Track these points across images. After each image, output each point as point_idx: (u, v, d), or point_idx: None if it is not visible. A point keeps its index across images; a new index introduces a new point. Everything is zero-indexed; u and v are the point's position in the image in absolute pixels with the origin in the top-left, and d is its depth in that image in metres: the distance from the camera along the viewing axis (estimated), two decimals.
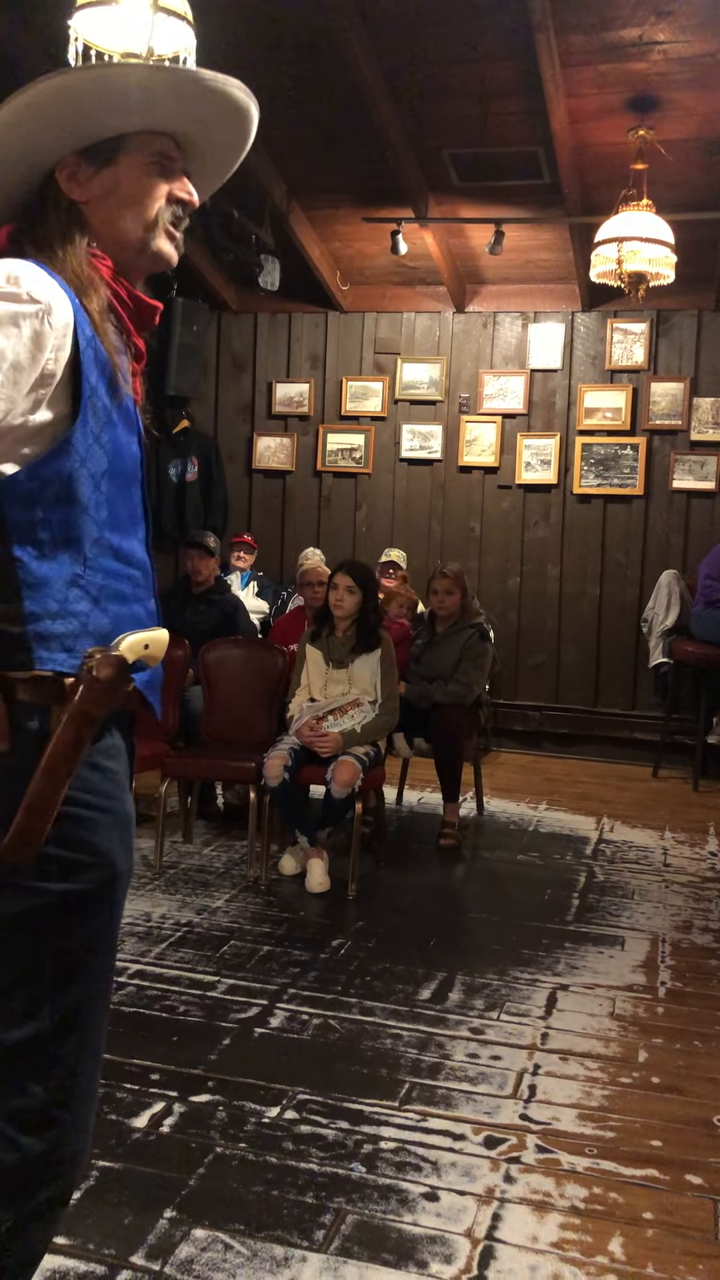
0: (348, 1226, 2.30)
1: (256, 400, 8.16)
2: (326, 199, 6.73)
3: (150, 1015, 3.25)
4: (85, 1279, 2.09)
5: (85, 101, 1.50)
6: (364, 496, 8.00)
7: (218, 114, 1.61)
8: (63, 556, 1.49)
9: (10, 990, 1.47)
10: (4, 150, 1.51)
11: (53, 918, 1.47)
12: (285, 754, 4.43)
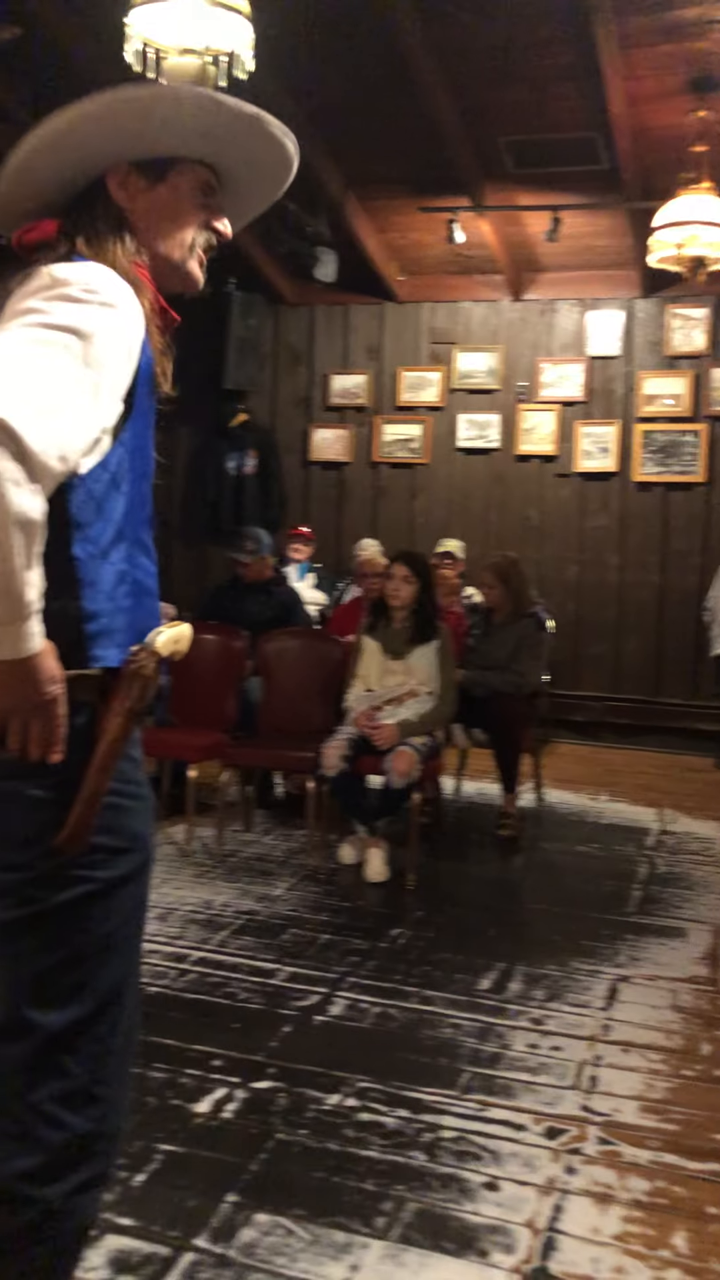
0: (408, 1214, 2.31)
1: (313, 392, 8.17)
2: (382, 190, 6.72)
3: (212, 1002, 3.28)
4: (149, 1260, 2.12)
5: (152, 119, 1.56)
6: (421, 487, 7.98)
7: (268, 160, 1.71)
8: (113, 554, 1.51)
9: (54, 976, 1.50)
10: (57, 151, 1.57)
11: (98, 903, 1.51)
12: (343, 744, 4.45)
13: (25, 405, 1.29)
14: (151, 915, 3.91)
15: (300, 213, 6.51)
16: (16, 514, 1.27)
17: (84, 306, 1.41)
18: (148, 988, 3.33)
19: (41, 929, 1.49)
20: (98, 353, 1.40)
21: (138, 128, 1.56)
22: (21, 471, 1.27)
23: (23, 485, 1.28)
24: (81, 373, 1.38)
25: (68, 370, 1.36)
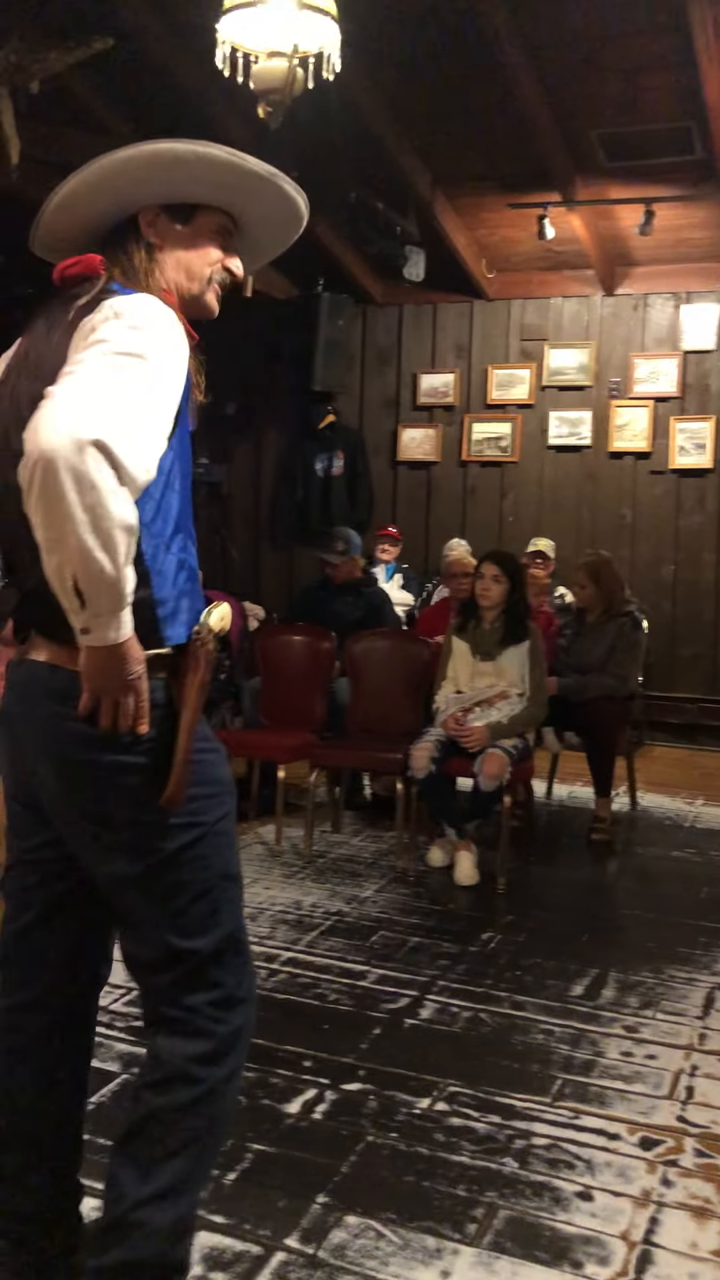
0: (500, 1221, 2.28)
1: (401, 392, 8.16)
2: (471, 187, 6.68)
3: (301, 1003, 3.29)
4: (241, 1258, 2.13)
5: (181, 170, 1.79)
6: (510, 485, 7.92)
7: (281, 220, 1.95)
8: (173, 545, 1.74)
9: (189, 909, 1.77)
10: (98, 192, 1.80)
11: (209, 842, 1.78)
12: (432, 746, 4.42)
13: (114, 425, 1.49)
14: None
15: (389, 212, 6.50)
16: (120, 519, 1.49)
17: (144, 333, 1.61)
18: None
19: (170, 873, 1.75)
20: (160, 373, 1.60)
21: (168, 176, 1.80)
22: (119, 483, 1.49)
23: (119, 494, 1.49)
24: (150, 392, 1.57)
25: (140, 391, 1.56)
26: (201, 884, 1.77)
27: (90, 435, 1.46)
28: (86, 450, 1.46)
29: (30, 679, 1.76)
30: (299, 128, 5.00)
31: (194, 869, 1.77)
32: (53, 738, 1.72)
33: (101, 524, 1.47)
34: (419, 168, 6.43)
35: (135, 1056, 2.82)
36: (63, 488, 1.45)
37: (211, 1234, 2.19)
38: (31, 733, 1.76)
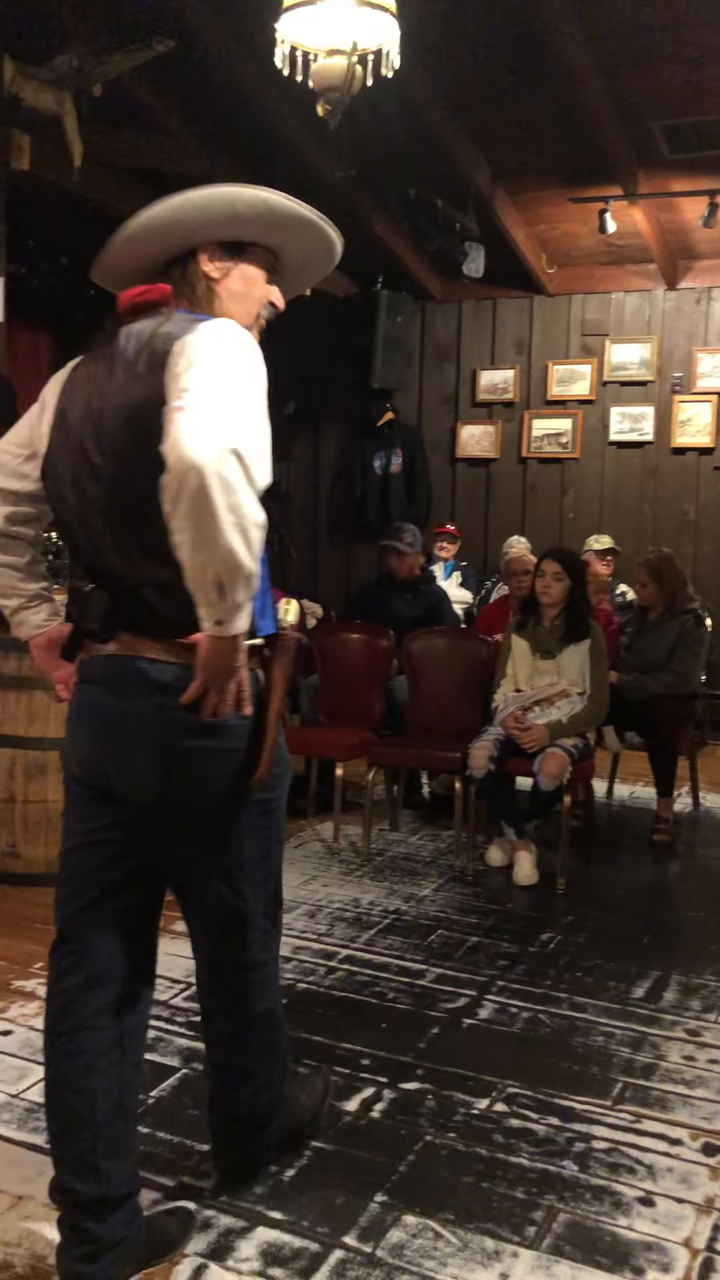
0: (559, 1225, 2.26)
1: (460, 389, 8.13)
2: (532, 182, 6.63)
3: (359, 1000, 3.29)
4: (300, 1255, 2.14)
5: (247, 212, 1.99)
6: (570, 482, 7.85)
7: (321, 258, 2.16)
8: None
9: (256, 870, 2.03)
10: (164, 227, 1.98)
11: (274, 813, 2.05)
12: (490, 745, 4.39)
13: (243, 435, 1.67)
14: (299, 911, 3.96)
15: (448, 208, 6.48)
16: (254, 517, 1.67)
17: (241, 352, 1.81)
18: (296, 984, 3.37)
19: (243, 843, 1.99)
20: (259, 386, 1.80)
21: (231, 217, 1.99)
22: (252, 488, 1.67)
23: (252, 495, 1.67)
24: (258, 403, 1.77)
25: (252, 403, 1.75)
26: (263, 851, 2.04)
27: (229, 444, 1.63)
28: (227, 457, 1.63)
29: (127, 673, 1.90)
30: (358, 125, 5.00)
31: (262, 839, 2.03)
32: (156, 725, 1.88)
33: (242, 522, 1.65)
34: (478, 163, 6.39)
35: (195, 1051, 2.84)
36: (211, 491, 1.61)
37: (270, 1229, 2.20)
38: (125, 722, 1.91)
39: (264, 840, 2.04)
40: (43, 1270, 2.07)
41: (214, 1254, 2.13)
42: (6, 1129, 2.53)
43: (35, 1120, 2.56)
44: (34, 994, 3.23)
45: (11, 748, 4.08)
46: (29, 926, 3.76)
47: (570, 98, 5.49)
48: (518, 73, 5.42)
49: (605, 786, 5.78)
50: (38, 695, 4.08)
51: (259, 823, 2.01)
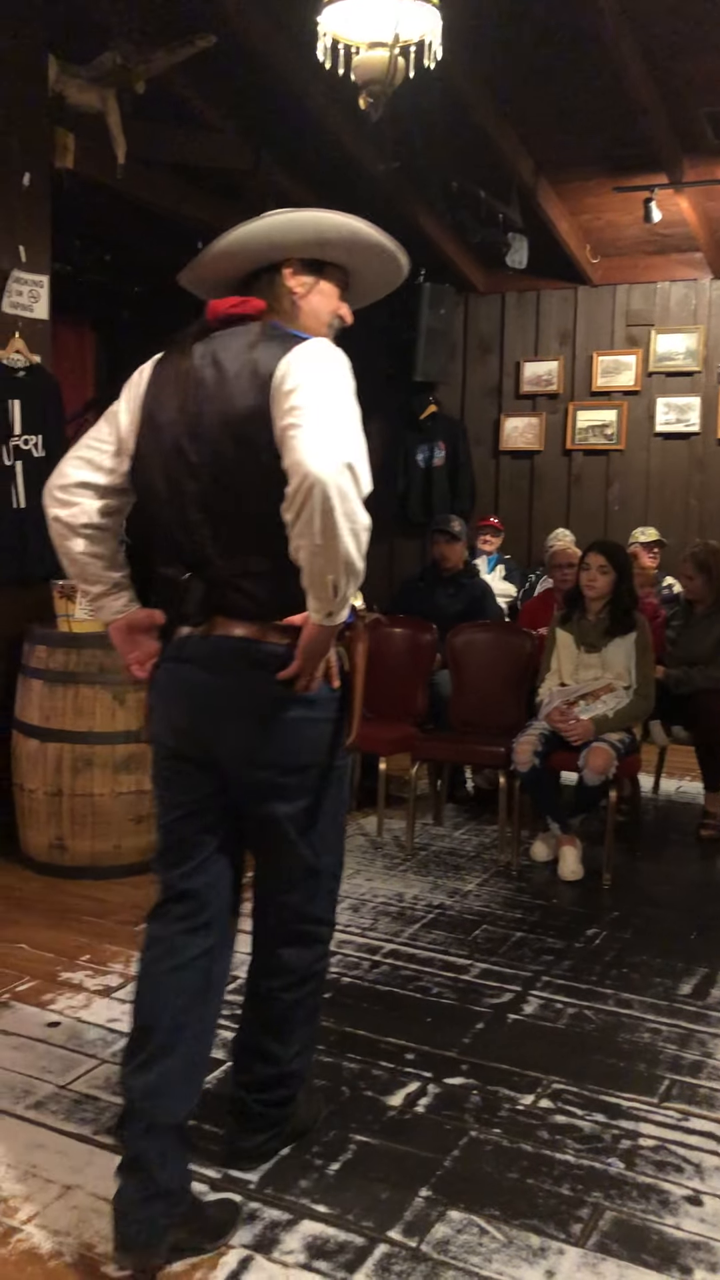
0: (606, 1223, 2.24)
1: (504, 381, 8.08)
2: (575, 171, 6.56)
3: (404, 995, 3.29)
4: (345, 1248, 2.14)
5: (327, 237, 2.18)
6: (616, 474, 7.78)
7: (388, 280, 2.33)
8: None
9: (329, 834, 2.25)
10: (253, 244, 2.16)
11: (344, 780, 2.27)
12: (535, 739, 4.37)
13: (354, 449, 1.91)
14: (344, 906, 3.96)
15: (491, 200, 6.44)
16: (365, 523, 1.93)
17: (341, 370, 2.01)
18: (340, 978, 3.37)
19: (322, 804, 2.19)
20: (355, 402, 1.99)
21: (318, 240, 2.18)
22: (359, 494, 1.91)
23: (360, 503, 1.91)
24: (358, 418, 1.98)
25: (354, 418, 1.97)
26: (335, 813, 2.25)
27: (345, 458, 1.87)
28: (343, 471, 1.87)
29: (224, 651, 2.10)
30: (400, 118, 4.98)
31: (336, 801, 2.24)
32: (254, 699, 2.09)
33: (355, 528, 1.90)
34: (521, 154, 6.34)
35: None
36: (331, 501, 1.85)
37: (314, 1223, 2.21)
38: (223, 696, 2.11)
39: (336, 803, 2.24)
40: (91, 1259, 2.09)
41: (260, 1246, 2.14)
42: (55, 1120, 2.56)
43: (83, 1111, 2.59)
44: (81, 986, 3.27)
45: (59, 742, 4.12)
46: (76, 919, 3.80)
47: (614, 86, 5.43)
48: (561, 61, 5.36)
49: (651, 781, 5.73)
50: (84, 690, 4.12)
51: (335, 787, 2.22)
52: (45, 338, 4.49)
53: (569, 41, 5.16)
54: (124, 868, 4.20)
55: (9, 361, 4.28)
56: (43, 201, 4.47)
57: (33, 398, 4.35)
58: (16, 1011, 3.09)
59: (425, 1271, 2.08)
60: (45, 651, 4.18)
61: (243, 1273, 2.07)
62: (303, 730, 2.12)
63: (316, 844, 2.22)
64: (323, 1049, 2.90)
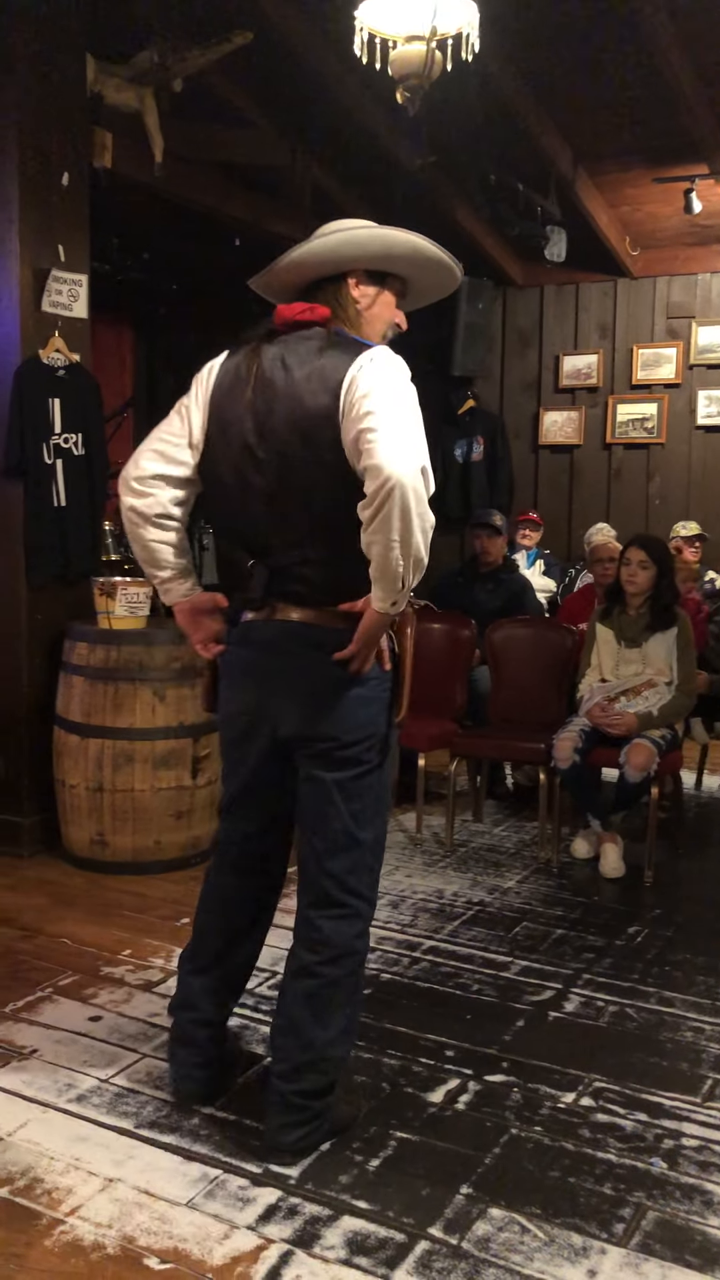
0: (648, 1223, 2.23)
1: (543, 375, 8.03)
2: (614, 163, 6.50)
3: (444, 992, 3.28)
4: (385, 1244, 2.14)
5: (392, 253, 2.36)
6: (657, 467, 7.71)
7: (441, 289, 2.52)
8: None
9: (370, 807, 2.36)
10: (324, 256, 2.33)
11: (392, 758, 2.42)
12: (576, 735, 4.34)
13: (424, 453, 2.10)
14: (383, 902, 3.96)
15: (529, 192, 6.39)
16: (432, 522, 2.12)
17: (405, 378, 2.19)
18: (380, 975, 3.37)
19: (367, 778, 2.34)
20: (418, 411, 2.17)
21: (386, 255, 2.36)
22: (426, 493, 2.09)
23: (425, 501, 2.09)
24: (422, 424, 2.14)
25: (420, 424, 2.14)
26: (379, 788, 2.37)
27: (420, 462, 2.07)
28: (419, 474, 2.06)
29: (286, 634, 2.30)
30: (437, 111, 4.96)
31: (380, 777, 2.37)
32: (312, 678, 2.28)
33: (426, 525, 2.10)
34: (560, 146, 6.30)
35: None
36: (409, 502, 2.04)
37: (355, 1219, 2.21)
38: (285, 676, 2.30)
39: (380, 782, 2.38)
40: (133, 1252, 2.10)
41: (300, 1241, 2.14)
42: (97, 1113, 2.58)
43: (125, 1105, 2.61)
44: (123, 980, 3.29)
45: (99, 738, 4.15)
46: (117, 914, 3.82)
47: (654, 75, 5.37)
48: (600, 52, 5.31)
49: (694, 778, 5.68)
50: (124, 686, 4.15)
51: (380, 762, 2.36)
52: (84, 336, 4.52)
53: (608, 31, 5.12)
54: (164, 863, 4.22)
55: (49, 360, 4.31)
56: (81, 201, 4.49)
57: (72, 396, 4.38)
58: (59, 1005, 3.12)
59: (466, 1269, 2.08)
60: (86, 648, 4.21)
61: (283, 1267, 2.07)
62: (357, 708, 2.29)
63: (359, 814, 2.35)
64: (362, 1045, 2.90)
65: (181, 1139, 2.47)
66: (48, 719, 4.38)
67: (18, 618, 4.38)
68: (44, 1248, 2.11)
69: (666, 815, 4.79)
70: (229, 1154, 2.42)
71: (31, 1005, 3.12)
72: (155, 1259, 2.08)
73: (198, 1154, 2.42)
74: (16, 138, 4.17)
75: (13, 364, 4.26)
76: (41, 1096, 2.63)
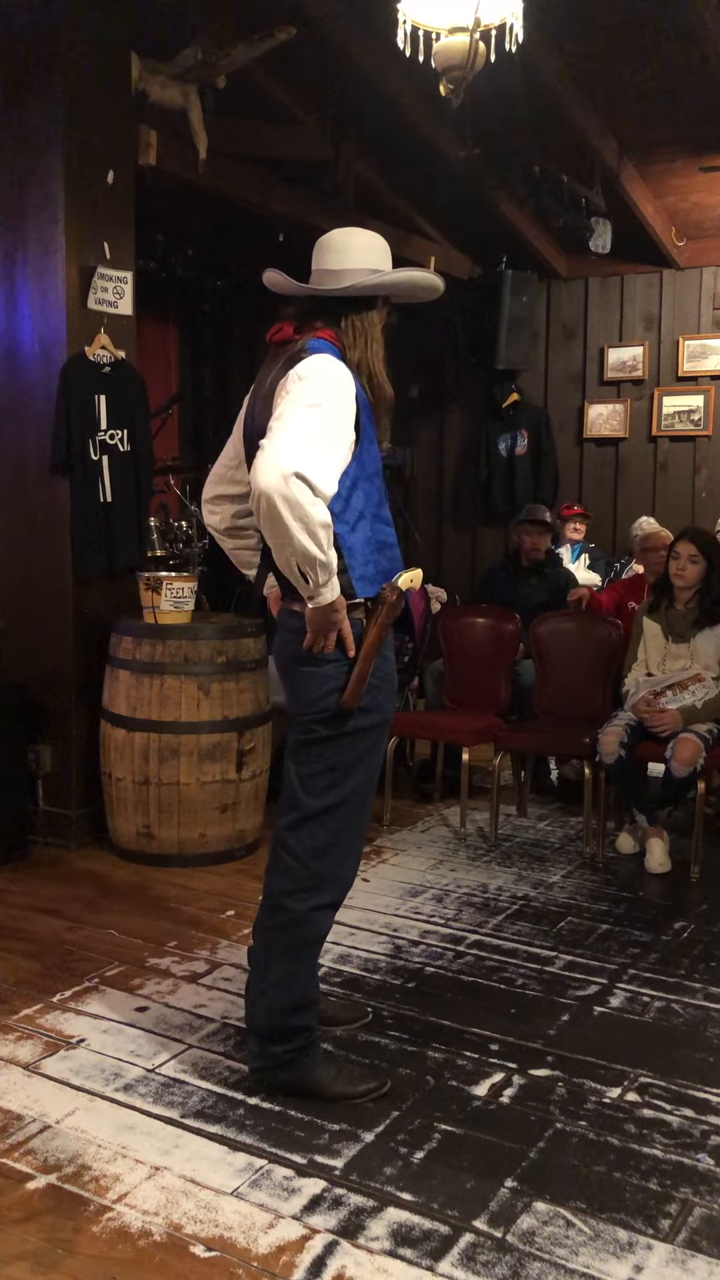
0: (695, 1219, 2.21)
1: (588, 367, 7.97)
2: (660, 153, 6.43)
3: (488, 986, 3.28)
4: (430, 1236, 2.14)
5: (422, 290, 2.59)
6: (704, 460, 7.62)
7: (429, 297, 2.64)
8: (359, 527, 2.47)
9: (316, 778, 2.52)
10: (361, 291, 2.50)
11: (349, 739, 2.51)
12: (621, 730, 4.31)
13: (305, 458, 2.21)
14: (428, 896, 3.96)
15: (575, 184, 6.34)
16: (319, 520, 2.24)
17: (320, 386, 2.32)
18: (424, 968, 3.37)
19: (316, 748, 2.52)
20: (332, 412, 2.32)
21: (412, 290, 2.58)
22: (314, 496, 2.22)
23: (317, 504, 2.23)
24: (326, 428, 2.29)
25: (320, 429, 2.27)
26: (333, 762, 2.51)
27: (294, 469, 2.18)
28: (290, 480, 2.18)
29: (280, 620, 2.61)
30: (481, 103, 4.94)
31: (333, 752, 2.51)
32: (284, 656, 2.57)
33: (309, 527, 2.22)
34: (604, 136, 6.23)
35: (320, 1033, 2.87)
36: (278, 509, 2.19)
37: (399, 1210, 2.21)
38: (280, 654, 2.61)
39: (332, 754, 2.51)
40: (180, 1239, 2.12)
41: (345, 1232, 2.15)
42: (144, 1102, 2.60)
43: (171, 1094, 2.63)
44: (169, 972, 3.32)
45: (145, 731, 4.19)
46: (164, 906, 3.86)
47: (700, 63, 5.31)
48: (645, 40, 5.26)
49: None
50: (169, 680, 4.18)
51: (337, 741, 2.50)
52: (130, 333, 4.55)
53: (653, 19, 5.06)
54: (209, 855, 4.26)
55: (95, 357, 4.35)
56: (126, 199, 4.53)
57: (118, 393, 4.41)
58: (106, 996, 3.15)
59: (511, 1262, 2.07)
60: (132, 642, 4.25)
61: (328, 1257, 2.08)
62: (308, 683, 2.51)
63: (306, 780, 2.54)
64: (406, 1038, 2.91)
65: (227, 1129, 2.49)
66: (94, 713, 4.42)
67: (65, 612, 4.43)
68: (91, 1234, 2.14)
69: (713, 810, 4.75)
70: (274, 1144, 2.43)
71: (79, 995, 3.16)
72: (201, 1247, 2.10)
73: (243, 1144, 2.43)
74: (62, 136, 4.22)
75: (59, 361, 4.30)
76: (89, 1085, 2.67)
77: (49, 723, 4.50)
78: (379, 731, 2.58)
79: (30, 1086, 2.66)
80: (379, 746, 2.60)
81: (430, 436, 8.42)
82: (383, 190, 6.72)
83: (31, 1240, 2.12)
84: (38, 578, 4.49)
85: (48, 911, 3.80)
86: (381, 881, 4.15)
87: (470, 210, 6.91)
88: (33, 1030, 2.95)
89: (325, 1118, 2.53)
